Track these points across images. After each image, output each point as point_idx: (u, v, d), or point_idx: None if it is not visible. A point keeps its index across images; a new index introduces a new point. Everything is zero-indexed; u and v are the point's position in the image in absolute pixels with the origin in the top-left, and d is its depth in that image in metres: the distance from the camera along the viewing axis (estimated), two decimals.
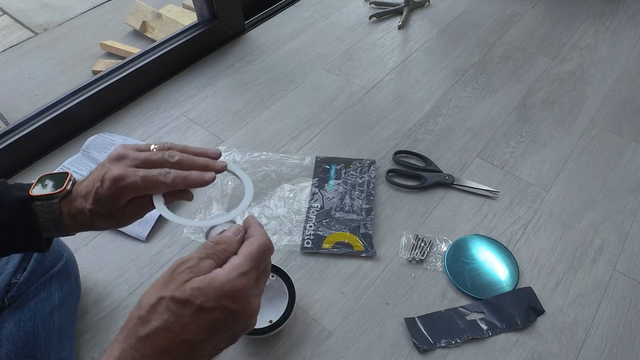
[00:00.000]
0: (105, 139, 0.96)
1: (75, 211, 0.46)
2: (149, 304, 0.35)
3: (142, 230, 0.81)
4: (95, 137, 0.96)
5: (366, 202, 0.84)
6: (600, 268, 0.75)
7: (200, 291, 0.35)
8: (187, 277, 0.36)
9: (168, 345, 0.34)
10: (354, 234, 0.79)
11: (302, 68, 1.14)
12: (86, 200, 0.46)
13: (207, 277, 0.36)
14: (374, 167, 0.89)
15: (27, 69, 1.59)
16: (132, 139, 0.97)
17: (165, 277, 0.37)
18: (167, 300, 0.35)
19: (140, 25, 1.68)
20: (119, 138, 0.96)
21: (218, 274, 0.36)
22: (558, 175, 0.88)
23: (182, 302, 0.35)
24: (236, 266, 0.37)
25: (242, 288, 0.36)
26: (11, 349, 0.55)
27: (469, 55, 1.16)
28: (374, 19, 1.28)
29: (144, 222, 0.81)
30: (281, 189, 0.87)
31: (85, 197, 0.46)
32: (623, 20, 1.25)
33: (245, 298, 0.37)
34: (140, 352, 0.34)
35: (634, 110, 1.00)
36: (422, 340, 0.67)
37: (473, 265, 0.75)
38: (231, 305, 0.36)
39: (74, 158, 0.93)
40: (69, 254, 0.69)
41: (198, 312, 0.35)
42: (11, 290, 0.59)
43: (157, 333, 0.34)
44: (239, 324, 0.37)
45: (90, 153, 0.93)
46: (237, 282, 0.36)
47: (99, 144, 0.95)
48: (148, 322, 0.35)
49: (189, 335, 0.35)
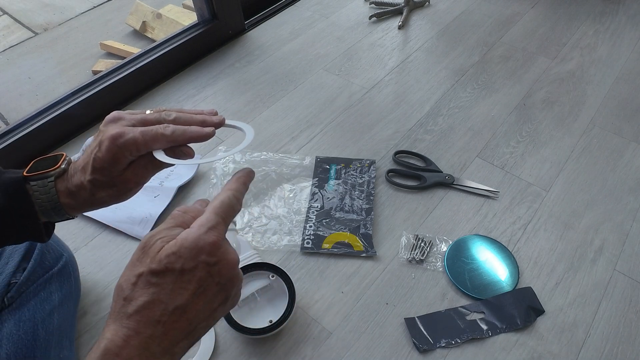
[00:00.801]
0: None
1: (74, 187, 0.45)
2: (130, 283, 0.34)
3: (142, 230, 0.81)
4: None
5: (366, 202, 0.84)
6: (600, 268, 0.75)
7: (176, 255, 0.34)
8: (159, 247, 0.35)
9: (160, 316, 0.34)
10: (354, 234, 0.79)
11: (302, 68, 1.14)
12: (84, 172, 0.45)
13: (177, 240, 0.35)
14: (374, 167, 0.89)
15: (27, 69, 1.59)
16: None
17: (138, 254, 0.36)
18: (146, 275, 0.34)
19: (140, 25, 1.68)
20: None
21: (188, 233, 0.35)
22: (558, 175, 0.88)
23: (161, 272, 0.34)
24: (203, 221, 0.36)
25: (215, 241, 0.35)
26: (11, 349, 0.55)
27: (469, 55, 1.16)
28: (374, 19, 1.29)
29: (143, 222, 0.82)
30: (281, 189, 0.87)
31: (83, 169, 0.45)
32: (623, 20, 1.25)
33: (222, 249, 0.36)
34: (132, 328, 0.33)
35: (634, 110, 1.00)
36: (422, 340, 0.67)
37: (473, 265, 0.75)
38: (209, 259, 0.35)
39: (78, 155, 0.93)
40: (69, 253, 0.69)
41: (181, 275, 0.34)
42: (11, 290, 0.59)
43: (146, 306, 0.33)
44: (223, 275, 0.36)
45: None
46: (208, 236, 0.35)
47: None
48: (134, 299, 0.34)
49: (178, 300, 0.34)
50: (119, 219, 0.82)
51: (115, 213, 0.83)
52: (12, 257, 0.61)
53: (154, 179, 0.85)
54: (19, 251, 0.62)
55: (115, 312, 0.34)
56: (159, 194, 0.85)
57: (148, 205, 0.83)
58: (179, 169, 0.88)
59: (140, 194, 0.83)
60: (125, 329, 0.33)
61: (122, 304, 0.34)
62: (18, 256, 0.61)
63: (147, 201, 0.84)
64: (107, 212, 0.83)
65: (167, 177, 0.88)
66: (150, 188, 0.86)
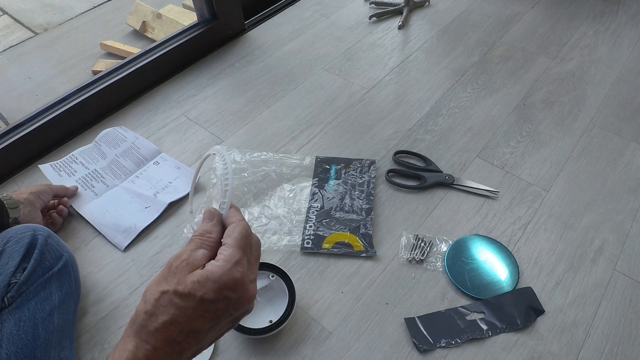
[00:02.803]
0: (118, 133, 0.97)
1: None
2: (153, 299, 0.37)
3: (123, 239, 0.80)
4: (109, 130, 0.98)
5: (366, 202, 0.83)
6: (600, 268, 0.75)
7: (200, 284, 0.37)
8: (186, 270, 0.38)
9: (177, 336, 0.37)
10: (354, 234, 0.79)
11: (302, 68, 1.14)
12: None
13: (205, 270, 0.38)
14: (374, 167, 0.89)
15: (27, 69, 1.59)
16: (143, 138, 0.97)
17: (165, 272, 0.39)
18: (170, 294, 0.37)
19: (140, 25, 1.68)
20: (131, 134, 0.97)
21: (215, 266, 0.38)
22: (558, 175, 0.88)
23: (184, 296, 0.37)
24: (228, 257, 0.39)
25: (239, 277, 0.39)
26: (11, 349, 0.55)
27: (469, 55, 1.16)
28: (374, 19, 1.28)
29: (127, 231, 0.81)
30: (281, 189, 0.87)
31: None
32: (623, 20, 1.25)
33: (243, 286, 0.39)
34: (151, 344, 0.37)
35: (634, 110, 1.00)
36: (422, 340, 0.67)
37: (473, 265, 0.75)
38: (231, 294, 0.38)
39: (85, 148, 0.95)
40: (68, 254, 0.69)
41: (201, 304, 0.37)
42: (11, 290, 0.59)
43: (165, 326, 0.37)
44: (238, 309, 0.40)
45: (101, 146, 0.95)
46: (233, 273, 0.38)
47: (111, 137, 0.96)
48: (155, 316, 0.37)
49: (195, 325, 0.38)
50: (105, 223, 0.82)
51: (105, 216, 0.83)
52: (12, 257, 0.61)
53: (149, 189, 0.86)
54: (19, 251, 0.62)
55: (137, 323, 0.38)
56: (150, 206, 0.84)
57: (137, 215, 0.83)
58: (177, 184, 0.88)
59: (133, 201, 0.85)
60: (146, 344, 0.37)
61: (143, 317, 0.37)
62: (18, 256, 0.61)
63: (137, 210, 0.83)
64: (97, 213, 0.83)
65: (163, 188, 0.87)
66: (143, 197, 0.85)
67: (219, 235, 0.42)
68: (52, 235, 0.68)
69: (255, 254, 0.43)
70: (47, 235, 0.67)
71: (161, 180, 0.89)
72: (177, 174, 0.90)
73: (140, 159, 0.93)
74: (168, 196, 0.85)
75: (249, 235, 0.42)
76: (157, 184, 0.88)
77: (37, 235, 0.65)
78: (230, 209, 0.44)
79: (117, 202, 0.85)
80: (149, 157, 0.93)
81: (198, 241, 0.41)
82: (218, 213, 0.43)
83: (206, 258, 0.40)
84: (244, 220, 0.43)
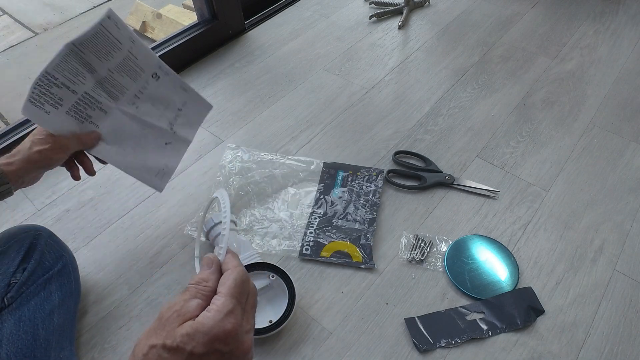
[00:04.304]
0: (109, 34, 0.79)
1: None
2: (141, 354, 0.35)
3: (160, 182, 0.73)
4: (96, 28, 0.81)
5: (370, 212, 0.82)
6: (600, 268, 0.75)
7: (190, 337, 0.35)
8: (176, 322, 0.36)
9: None
10: (354, 244, 0.78)
11: (302, 68, 1.14)
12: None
13: (195, 322, 0.36)
14: (381, 177, 0.87)
15: (27, 69, 1.59)
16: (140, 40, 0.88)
17: (155, 325, 0.37)
18: (158, 349, 0.35)
19: (140, 25, 1.68)
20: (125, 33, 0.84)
21: (205, 317, 0.36)
22: (558, 175, 0.88)
23: (173, 350, 0.35)
24: (220, 307, 0.36)
25: (231, 329, 0.36)
26: (11, 349, 0.55)
27: (469, 55, 1.16)
28: (374, 19, 1.29)
29: (160, 174, 0.73)
30: (285, 192, 0.86)
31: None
32: (623, 20, 1.25)
33: (237, 338, 0.36)
34: None
35: (634, 110, 1.00)
36: (422, 340, 0.67)
37: (473, 265, 0.75)
38: (223, 347, 0.36)
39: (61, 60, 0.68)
40: (69, 254, 0.69)
41: (190, 357, 0.35)
42: (11, 290, 0.59)
43: None
44: None
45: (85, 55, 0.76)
46: (225, 324, 0.36)
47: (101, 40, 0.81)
48: None
49: None
50: (132, 164, 0.70)
51: (125, 156, 0.69)
52: (12, 258, 0.61)
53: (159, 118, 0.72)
54: (19, 251, 0.62)
55: None
56: (172, 142, 0.73)
57: (160, 152, 0.72)
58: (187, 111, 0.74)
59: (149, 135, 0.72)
60: None
61: None
62: (18, 256, 0.61)
63: (158, 147, 0.72)
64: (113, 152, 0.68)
65: (175, 118, 0.73)
66: (157, 130, 0.71)
67: (215, 283, 0.39)
68: (52, 236, 0.68)
69: (251, 302, 0.40)
70: (48, 236, 0.67)
71: (168, 104, 0.72)
72: (185, 97, 0.73)
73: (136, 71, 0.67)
74: (186, 130, 0.74)
75: (245, 282, 0.40)
76: (166, 110, 0.72)
77: (38, 236, 0.65)
78: (227, 255, 0.42)
79: (129, 136, 0.69)
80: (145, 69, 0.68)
81: (193, 290, 0.39)
82: (217, 260, 0.41)
83: (200, 308, 0.37)
84: (240, 267, 0.41)
